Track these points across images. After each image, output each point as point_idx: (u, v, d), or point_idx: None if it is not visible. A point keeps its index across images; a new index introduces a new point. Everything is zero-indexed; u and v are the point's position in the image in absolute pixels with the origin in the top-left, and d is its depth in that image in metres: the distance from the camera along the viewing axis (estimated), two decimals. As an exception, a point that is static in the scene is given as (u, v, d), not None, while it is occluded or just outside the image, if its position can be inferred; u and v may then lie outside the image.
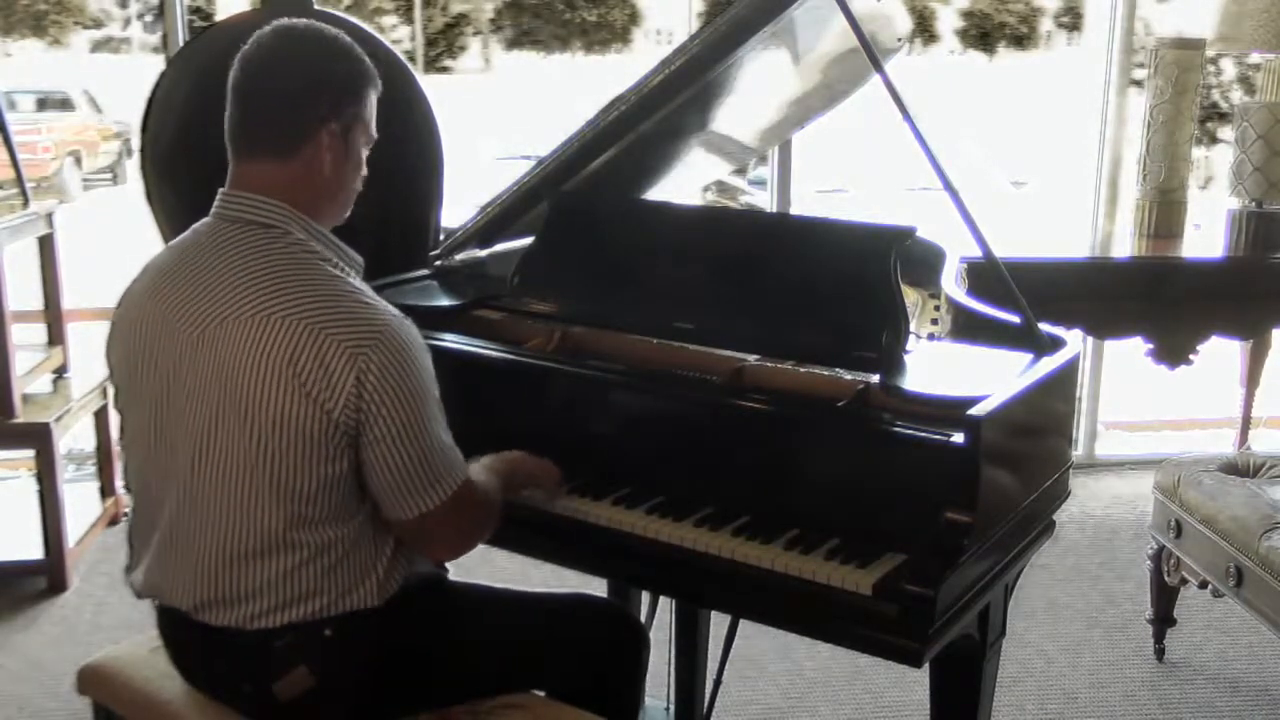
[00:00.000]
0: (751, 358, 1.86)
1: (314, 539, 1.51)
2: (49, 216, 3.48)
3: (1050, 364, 1.77)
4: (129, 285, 1.64)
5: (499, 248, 2.32)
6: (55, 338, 3.62)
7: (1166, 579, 2.87)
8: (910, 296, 2.00)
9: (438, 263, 2.31)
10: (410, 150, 2.71)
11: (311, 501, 1.50)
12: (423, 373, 1.52)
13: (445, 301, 2.15)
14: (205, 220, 1.60)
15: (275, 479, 1.48)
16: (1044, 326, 1.84)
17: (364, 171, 1.66)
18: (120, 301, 1.64)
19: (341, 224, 1.65)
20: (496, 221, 2.27)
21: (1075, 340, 1.87)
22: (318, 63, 1.57)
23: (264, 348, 1.46)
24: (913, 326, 1.90)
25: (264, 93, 1.56)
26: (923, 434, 1.58)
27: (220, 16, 4.22)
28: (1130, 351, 3.46)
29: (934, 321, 2.05)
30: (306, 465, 1.48)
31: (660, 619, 2.42)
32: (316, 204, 1.59)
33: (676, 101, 1.99)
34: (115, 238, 7.94)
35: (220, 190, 1.59)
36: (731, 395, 1.78)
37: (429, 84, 2.83)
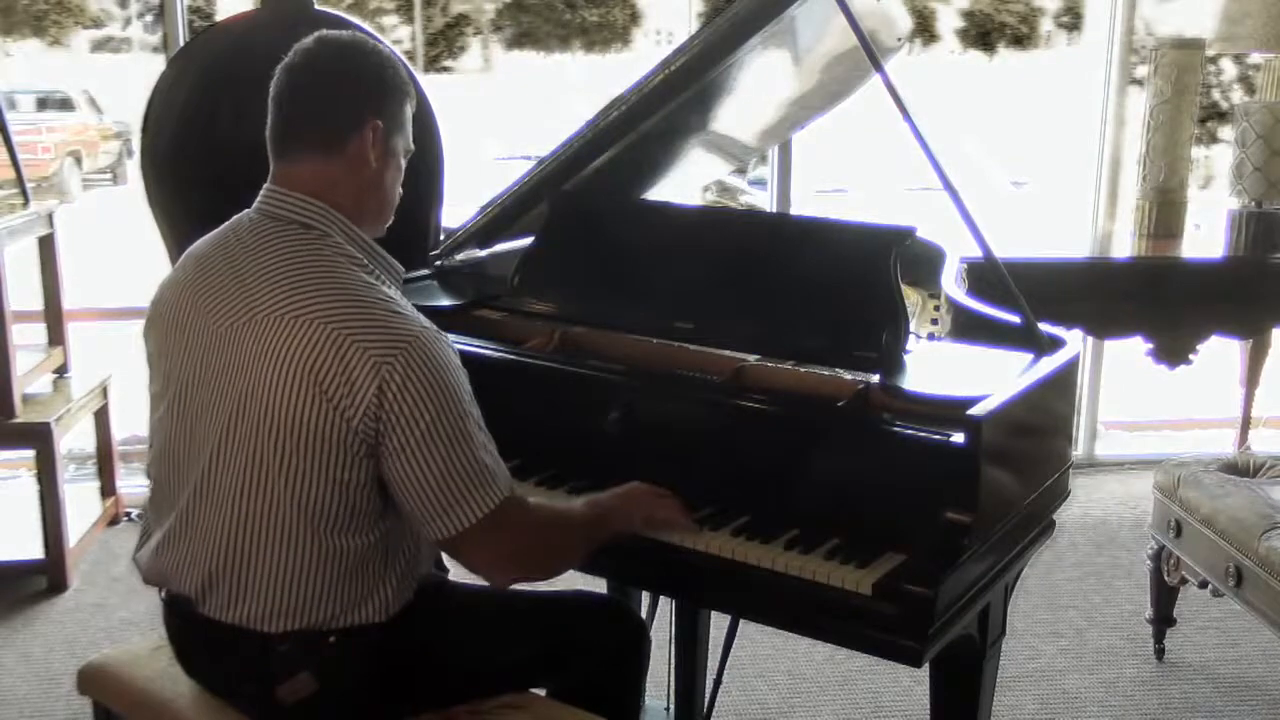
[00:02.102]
0: (751, 358, 1.86)
1: (325, 546, 1.51)
2: (49, 216, 3.49)
3: (1050, 364, 1.77)
4: (166, 278, 1.66)
5: (499, 248, 2.33)
6: (55, 338, 3.62)
7: (1166, 579, 2.87)
8: (910, 296, 2.00)
9: (438, 263, 2.31)
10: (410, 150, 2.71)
11: (325, 509, 1.49)
12: (451, 386, 1.49)
13: (445, 301, 2.15)
14: (247, 213, 1.61)
15: (290, 483, 1.48)
16: (1044, 326, 1.84)
17: (399, 190, 1.67)
18: (159, 288, 1.65)
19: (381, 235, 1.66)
20: (496, 221, 2.27)
21: (1075, 340, 1.87)
22: (363, 65, 1.59)
23: (287, 348, 1.46)
24: (913, 326, 1.90)
25: (309, 92, 1.57)
26: (923, 434, 1.58)
27: (220, 16, 4.22)
28: (1130, 351, 3.46)
29: (934, 321, 2.05)
30: (322, 469, 1.47)
31: (660, 619, 2.42)
32: (359, 206, 1.59)
33: (676, 101, 1.99)
34: (115, 238, 7.95)
35: (265, 186, 1.60)
36: (731, 395, 1.78)
37: (429, 84, 2.82)
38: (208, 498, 1.54)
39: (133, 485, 3.84)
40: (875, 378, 1.72)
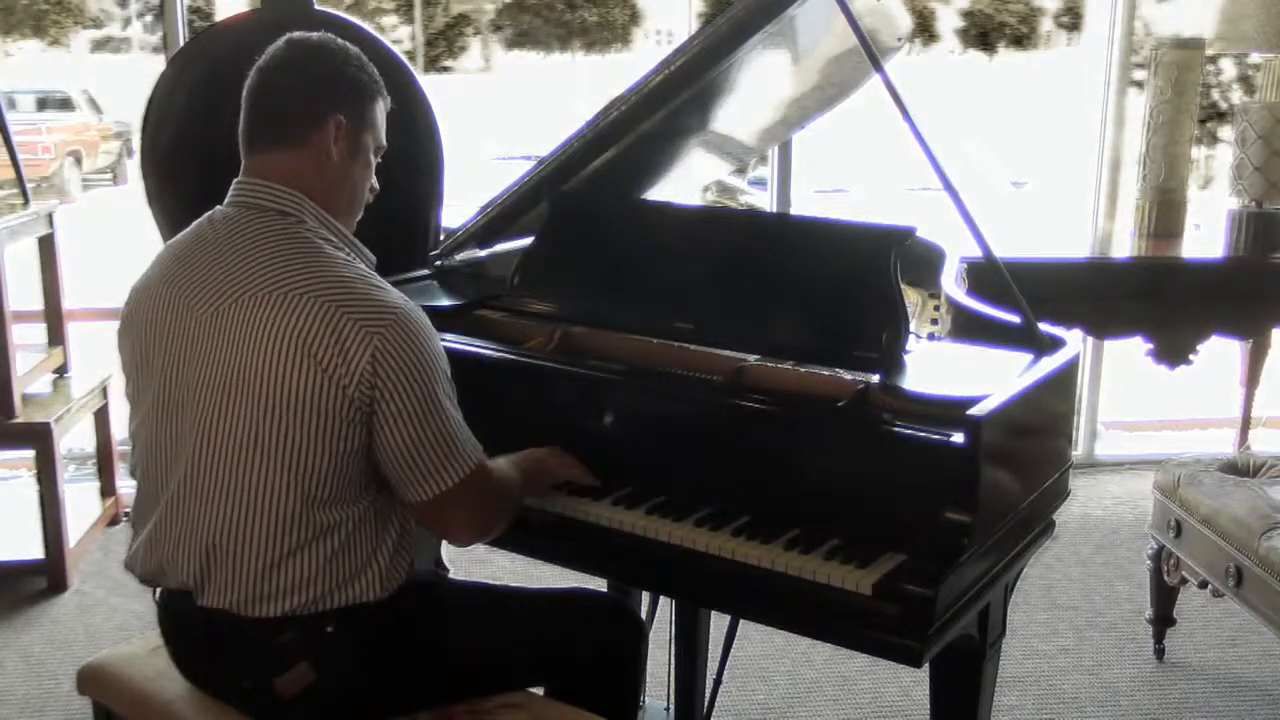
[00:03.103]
0: (751, 358, 1.86)
1: (318, 520, 1.53)
2: (49, 216, 3.49)
3: (1050, 364, 1.77)
4: (144, 271, 1.67)
5: (499, 248, 2.33)
6: (55, 338, 3.62)
7: (1166, 579, 2.87)
8: (910, 296, 2.00)
9: (438, 263, 2.31)
10: (410, 150, 2.71)
11: (320, 480, 1.51)
12: (435, 356, 1.55)
13: (445, 301, 2.15)
14: (219, 208, 1.64)
15: (286, 455, 1.50)
16: (1044, 326, 1.84)
17: (375, 184, 1.71)
18: (134, 287, 1.67)
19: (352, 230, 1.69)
20: (496, 221, 2.27)
21: (1075, 340, 1.87)
22: (327, 64, 1.63)
23: (277, 323, 1.49)
24: (913, 326, 1.90)
25: (276, 88, 1.62)
26: (923, 434, 1.58)
27: (220, 16, 4.21)
28: (1130, 351, 3.46)
29: (934, 321, 2.05)
30: (319, 440, 1.50)
31: (660, 619, 2.42)
32: (328, 196, 1.63)
33: (676, 101, 1.99)
34: (115, 238, 7.94)
35: (235, 180, 1.63)
36: (731, 395, 1.78)
37: (429, 84, 2.83)
38: (199, 480, 1.55)
39: (133, 485, 3.82)
40: (875, 378, 1.72)
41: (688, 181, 2.57)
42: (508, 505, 1.68)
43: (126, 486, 3.82)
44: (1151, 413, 5.13)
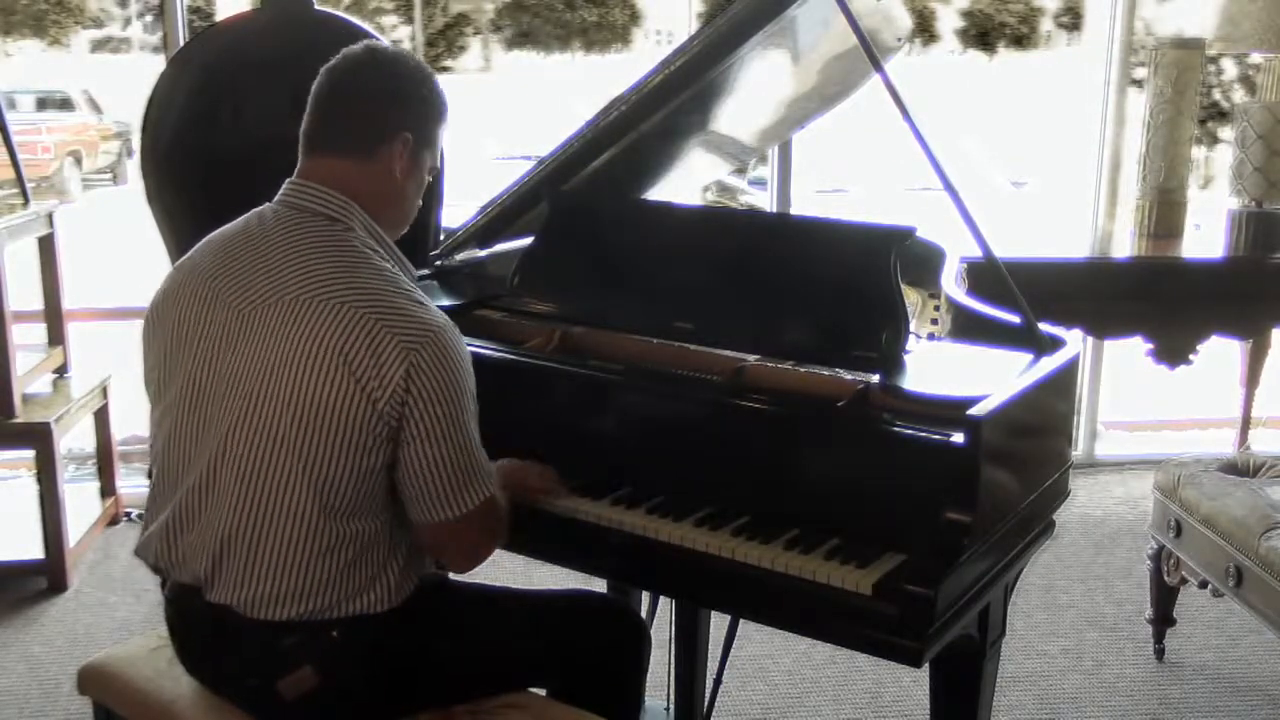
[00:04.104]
0: (751, 358, 1.86)
1: (334, 530, 1.53)
2: (49, 216, 3.49)
3: (1050, 364, 1.77)
4: (182, 260, 1.67)
5: (499, 248, 2.33)
6: (55, 338, 3.62)
7: (1166, 579, 2.87)
8: (910, 296, 2.00)
9: (438, 263, 2.31)
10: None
11: (340, 491, 1.51)
12: (467, 380, 1.56)
13: (445, 301, 2.14)
14: (269, 205, 1.64)
15: (307, 461, 1.49)
16: (1044, 326, 1.84)
17: (419, 203, 1.73)
18: (172, 277, 1.66)
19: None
20: (496, 221, 2.27)
21: (1075, 340, 1.87)
22: (406, 80, 1.65)
23: (317, 329, 1.49)
24: (913, 326, 1.90)
25: (349, 95, 1.63)
26: (923, 434, 1.58)
27: (220, 16, 4.21)
28: (1130, 351, 3.46)
29: (934, 321, 2.05)
30: (343, 452, 1.50)
31: (660, 619, 2.42)
32: (381, 208, 1.64)
33: (676, 101, 1.99)
34: (115, 238, 7.94)
35: (288, 180, 1.64)
36: (731, 395, 1.78)
37: (429, 84, 2.82)
38: (220, 475, 1.55)
39: (133, 485, 3.84)
40: (875, 378, 1.72)
41: (688, 181, 2.57)
42: (504, 531, 1.69)
43: (127, 486, 3.83)
44: (1151, 413, 5.13)
